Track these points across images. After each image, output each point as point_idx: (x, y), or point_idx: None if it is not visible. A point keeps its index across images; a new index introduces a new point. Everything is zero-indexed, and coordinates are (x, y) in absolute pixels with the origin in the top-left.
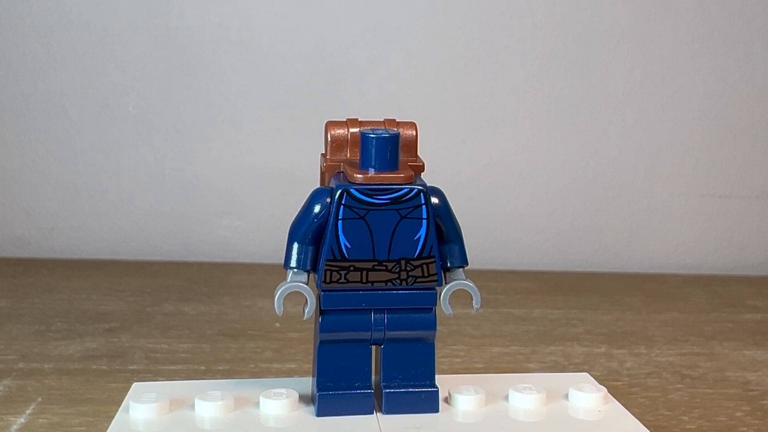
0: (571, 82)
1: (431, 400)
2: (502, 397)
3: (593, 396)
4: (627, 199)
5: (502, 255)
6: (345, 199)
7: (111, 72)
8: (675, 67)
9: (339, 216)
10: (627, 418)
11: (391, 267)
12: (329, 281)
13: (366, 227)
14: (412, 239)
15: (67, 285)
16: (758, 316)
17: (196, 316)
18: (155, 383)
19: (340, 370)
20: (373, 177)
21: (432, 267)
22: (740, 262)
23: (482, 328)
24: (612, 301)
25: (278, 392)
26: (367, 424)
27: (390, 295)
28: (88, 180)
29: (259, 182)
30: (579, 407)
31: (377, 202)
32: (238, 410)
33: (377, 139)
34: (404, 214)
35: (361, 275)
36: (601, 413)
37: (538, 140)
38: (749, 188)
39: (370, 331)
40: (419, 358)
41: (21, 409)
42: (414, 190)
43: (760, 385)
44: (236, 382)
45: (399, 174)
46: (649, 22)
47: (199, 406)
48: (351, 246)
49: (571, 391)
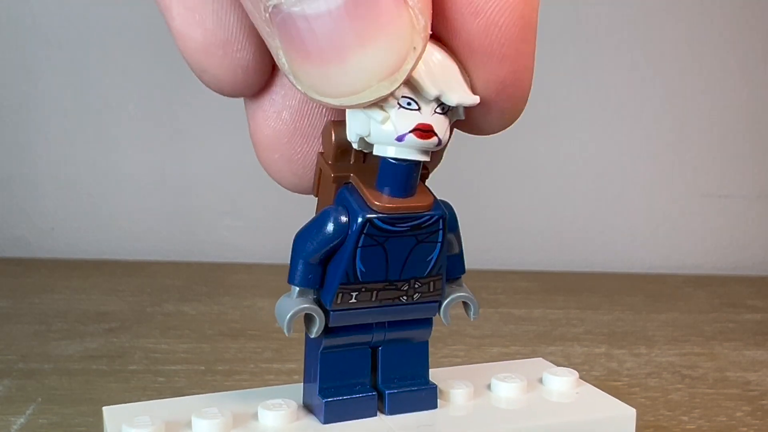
0: (571, 82)
1: (430, 398)
2: (485, 387)
3: (568, 379)
4: (627, 199)
5: (502, 255)
6: (368, 228)
7: (111, 72)
8: (675, 67)
9: (359, 244)
10: (603, 397)
11: (400, 286)
12: (340, 302)
13: (383, 252)
14: (425, 260)
15: (67, 285)
16: (758, 316)
17: (196, 316)
18: (128, 405)
19: (341, 375)
20: (395, 206)
21: (438, 283)
22: (740, 262)
23: (482, 328)
24: (612, 301)
25: (276, 403)
26: (378, 426)
27: (395, 309)
28: (88, 180)
29: (259, 182)
30: (555, 391)
31: (398, 230)
32: (238, 428)
33: (398, 166)
34: (421, 239)
35: (371, 295)
36: (579, 394)
37: (538, 140)
38: (749, 188)
39: (371, 335)
40: (415, 357)
41: (21, 409)
42: (434, 217)
43: (760, 385)
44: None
45: (421, 203)
46: (649, 22)
47: (196, 424)
48: (366, 270)
49: (545, 376)
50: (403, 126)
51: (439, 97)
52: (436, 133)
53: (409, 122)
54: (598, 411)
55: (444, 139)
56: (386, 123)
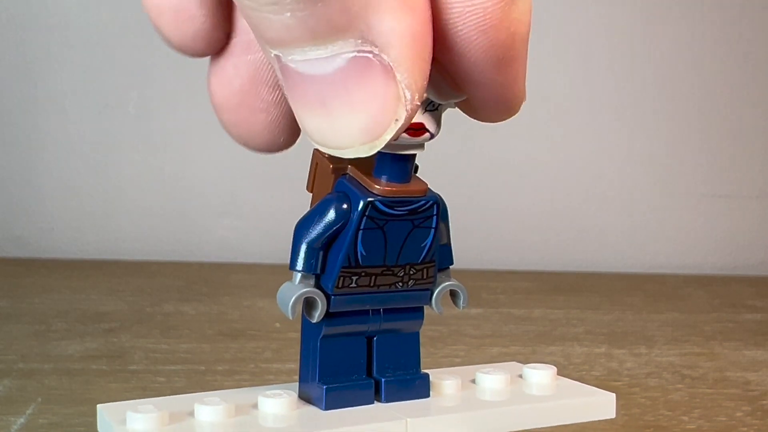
0: (571, 83)
1: (423, 386)
2: (470, 381)
3: (547, 372)
4: (627, 199)
5: (502, 255)
6: (369, 210)
7: (111, 72)
8: (675, 67)
9: (361, 226)
10: (582, 386)
11: (397, 272)
12: (341, 287)
13: (382, 236)
14: (419, 246)
15: (67, 285)
16: (758, 316)
17: (196, 316)
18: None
19: (339, 363)
20: (393, 189)
21: (431, 270)
22: (740, 262)
23: (482, 328)
24: (612, 301)
25: (276, 392)
26: (377, 412)
27: (391, 295)
28: (88, 180)
29: (259, 182)
30: (536, 383)
31: (396, 213)
32: (239, 416)
33: (395, 155)
34: (417, 224)
35: (370, 280)
36: (559, 386)
37: (538, 140)
38: (749, 188)
39: (368, 324)
40: (408, 347)
41: (21, 409)
42: (429, 201)
43: (760, 385)
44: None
45: (417, 187)
46: (649, 23)
47: (198, 411)
48: (366, 254)
49: (525, 371)
50: None
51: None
52: (427, 129)
53: None
54: (579, 397)
55: (435, 131)
56: None
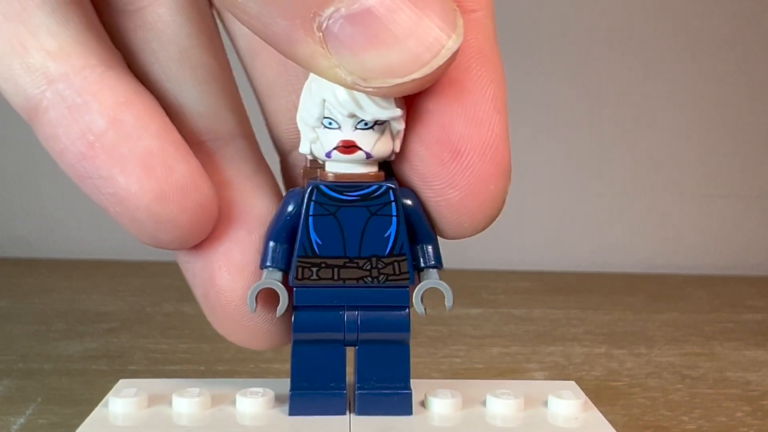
0: (571, 82)
1: (404, 403)
2: (480, 402)
3: (572, 403)
4: (627, 199)
5: (502, 255)
6: (315, 195)
7: None
8: (675, 67)
9: (310, 212)
10: (604, 426)
11: (362, 264)
12: (301, 278)
13: (337, 224)
14: (382, 236)
15: (67, 285)
16: (758, 316)
17: (196, 316)
18: (140, 380)
19: (315, 371)
20: (343, 175)
21: (403, 265)
22: (740, 262)
23: (482, 328)
24: (612, 301)
25: (255, 391)
26: (339, 424)
27: (362, 292)
28: None
29: None
30: (557, 414)
31: (347, 198)
32: (215, 408)
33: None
34: (374, 211)
35: (332, 272)
36: (579, 420)
37: (538, 140)
38: (749, 188)
39: (343, 332)
40: (394, 360)
41: (21, 409)
42: (383, 187)
43: (760, 386)
44: (219, 381)
45: (369, 172)
46: (650, 22)
47: (176, 402)
48: (322, 242)
49: (550, 398)
50: (328, 143)
51: (353, 114)
52: (360, 147)
53: (333, 140)
54: None
55: (374, 152)
56: (316, 142)
